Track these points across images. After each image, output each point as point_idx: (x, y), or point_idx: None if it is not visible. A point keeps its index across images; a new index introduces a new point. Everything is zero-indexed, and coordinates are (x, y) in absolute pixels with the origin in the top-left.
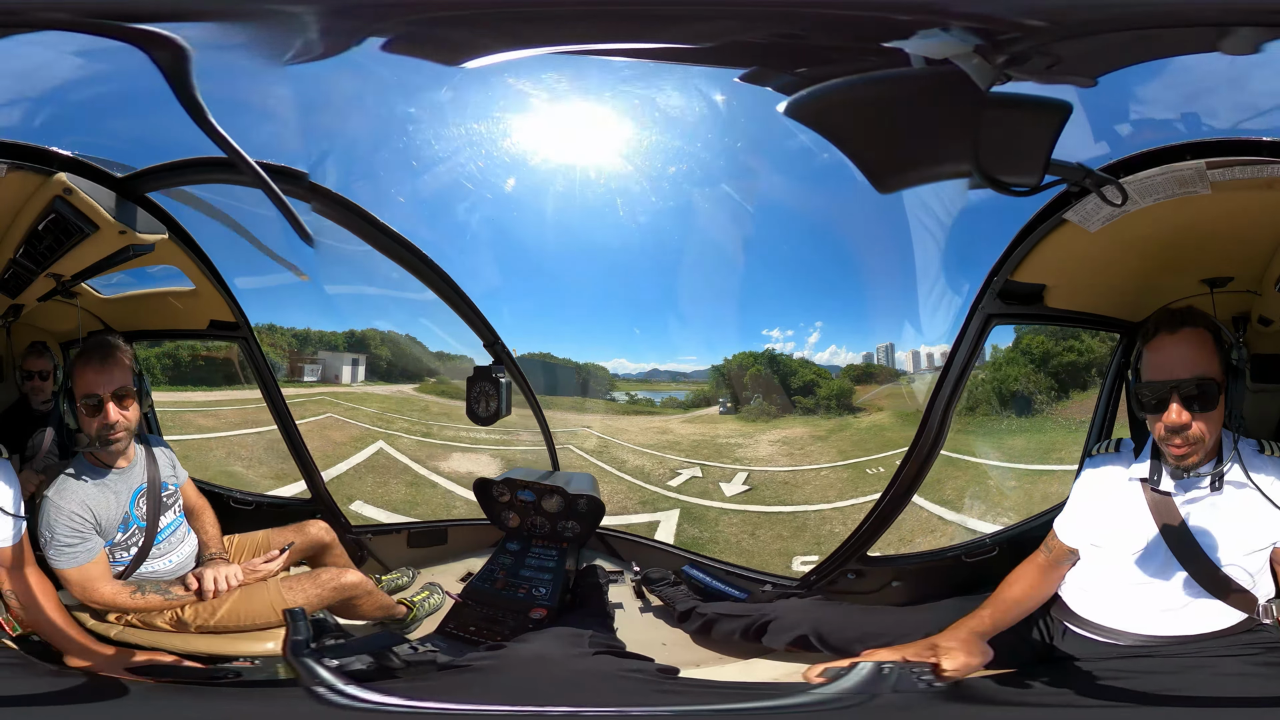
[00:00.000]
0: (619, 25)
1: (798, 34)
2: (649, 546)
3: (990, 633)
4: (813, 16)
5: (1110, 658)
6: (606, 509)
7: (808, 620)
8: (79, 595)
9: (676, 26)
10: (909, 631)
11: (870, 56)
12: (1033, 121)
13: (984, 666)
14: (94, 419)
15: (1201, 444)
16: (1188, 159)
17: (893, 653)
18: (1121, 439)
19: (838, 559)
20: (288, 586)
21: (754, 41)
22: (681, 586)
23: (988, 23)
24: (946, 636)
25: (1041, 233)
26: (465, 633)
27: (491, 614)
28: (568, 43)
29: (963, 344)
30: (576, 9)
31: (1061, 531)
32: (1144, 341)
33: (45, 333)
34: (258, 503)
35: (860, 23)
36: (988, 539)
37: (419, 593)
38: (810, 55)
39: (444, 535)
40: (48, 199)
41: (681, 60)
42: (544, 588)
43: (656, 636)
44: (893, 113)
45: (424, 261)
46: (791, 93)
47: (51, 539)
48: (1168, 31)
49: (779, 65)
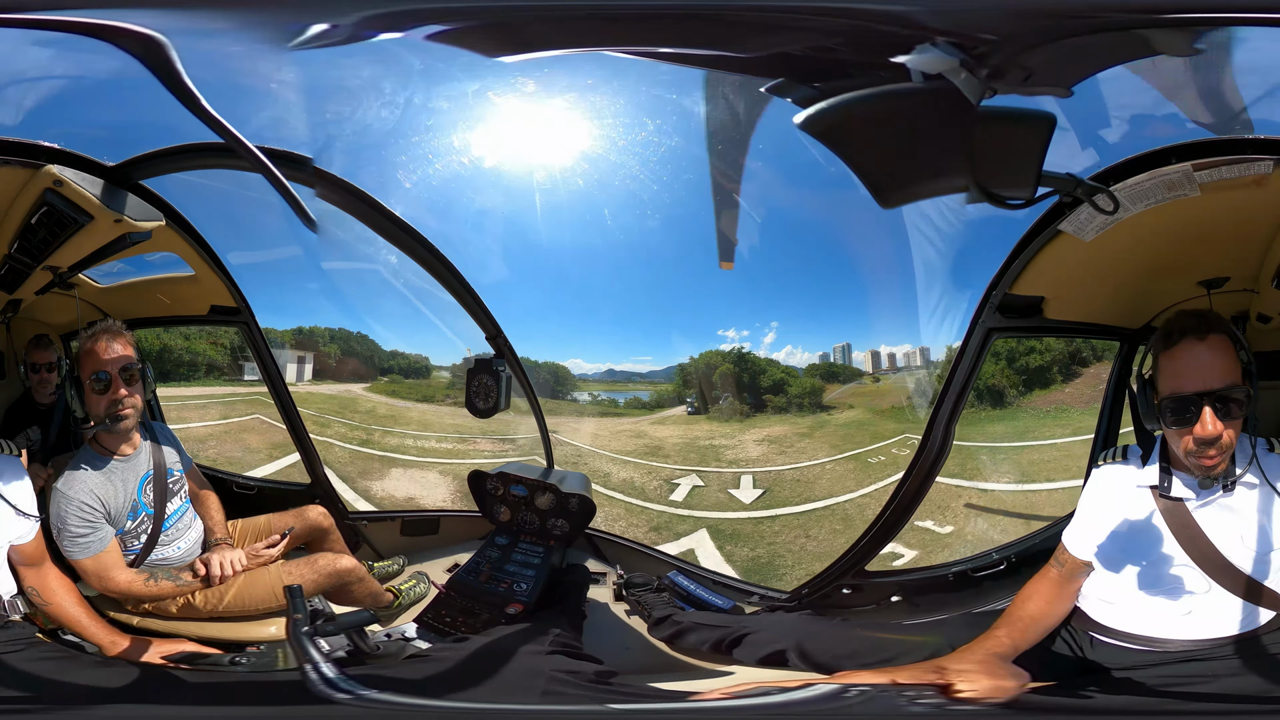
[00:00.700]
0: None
1: (810, 47)
2: (640, 551)
3: (1011, 654)
4: (817, 28)
5: (1150, 665)
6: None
7: (790, 635)
8: (96, 585)
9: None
10: (906, 651)
11: (878, 71)
12: (1021, 134)
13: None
14: (103, 397)
15: (1231, 451)
16: (1173, 162)
17: (880, 675)
18: (1128, 446)
19: (833, 574)
20: (287, 572)
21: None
22: (664, 594)
23: (957, 36)
24: (959, 659)
25: (1038, 245)
26: (441, 624)
27: (470, 606)
28: (588, 45)
29: (964, 359)
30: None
31: (1071, 544)
32: (1163, 349)
33: (45, 326)
34: (259, 487)
35: (857, 37)
36: (994, 553)
37: (406, 581)
38: (825, 68)
39: (436, 525)
40: (38, 191)
41: (724, 68)
42: (525, 584)
43: (625, 640)
44: (893, 128)
45: (430, 251)
46: (805, 106)
47: (63, 530)
48: (1135, 35)
49: (801, 78)
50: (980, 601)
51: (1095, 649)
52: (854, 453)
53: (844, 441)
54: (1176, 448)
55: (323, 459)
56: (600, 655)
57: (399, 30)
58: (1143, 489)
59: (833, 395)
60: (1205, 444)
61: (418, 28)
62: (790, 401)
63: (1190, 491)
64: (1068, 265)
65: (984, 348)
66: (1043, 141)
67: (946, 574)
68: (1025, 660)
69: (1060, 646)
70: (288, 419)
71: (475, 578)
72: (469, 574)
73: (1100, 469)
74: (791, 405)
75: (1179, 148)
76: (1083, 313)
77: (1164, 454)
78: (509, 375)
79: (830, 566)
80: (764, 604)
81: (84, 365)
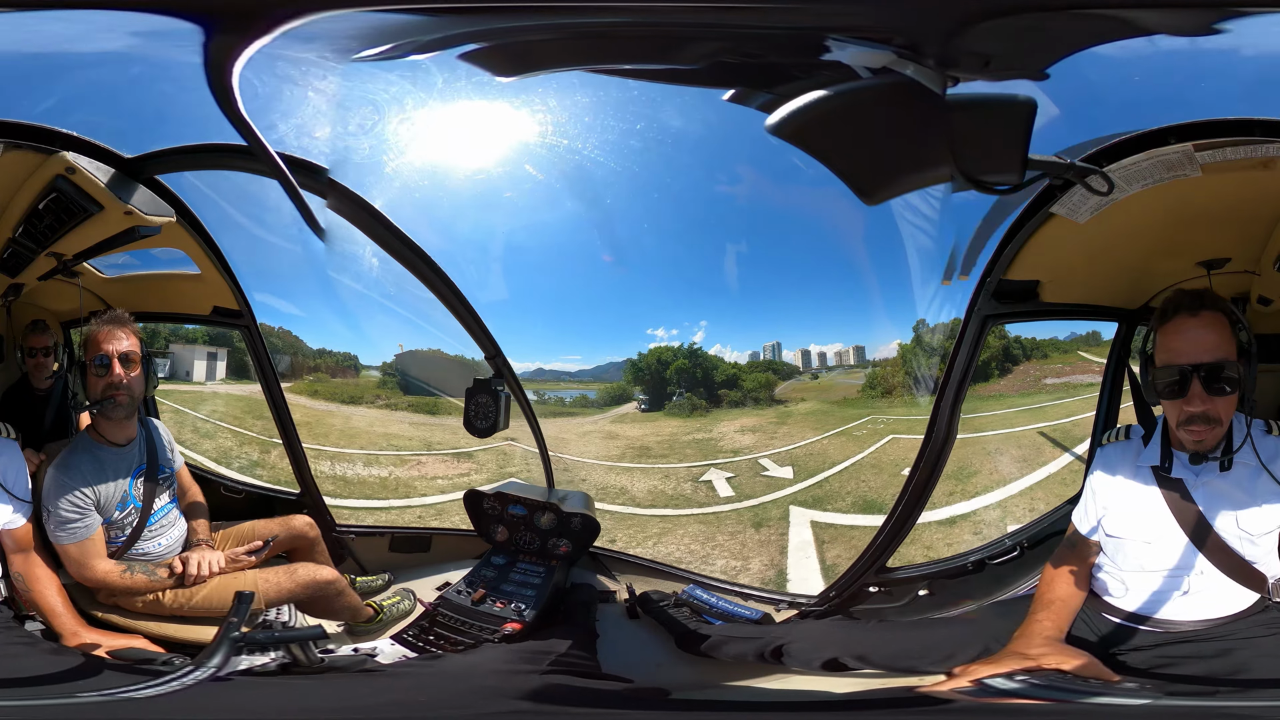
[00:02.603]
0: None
1: (752, 53)
2: (646, 567)
3: (1060, 635)
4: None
5: (1151, 646)
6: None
7: (833, 642)
8: (74, 571)
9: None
10: (962, 646)
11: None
12: (1000, 120)
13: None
14: (101, 379)
15: (1220, 428)
16: (1171, 142)
17: (994, 665)
18: (1130, 425)
19: (854, 573)
20: (263, 578)
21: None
22: (683, 609)
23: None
24: (1027, 645)
25: (1030, 229)
26: (422, 641)
27: (459, 625)
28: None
29: (962, 348)
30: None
31: (1080, 524)
32: (1159, 324)
33: (46, 312)
34: (247, 492)
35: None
36: (1007, 540)
37: (390, 597)
38: (770, 74)
39: (428, 543)
40: (48, 178)
41: (676, 82)
42: (524, 604)
43: (648, 658)
44: (863, 123)
45: (432, 269)
46: (770, 111)
47: (52, 514)
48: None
49: (755, 85)
50: (1001, 588)
51: (1107, 630)
52: (839, 430)
53: (820, 424)
54: (1171, 422)
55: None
56: (625, 673)
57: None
58: (1144, 468)
59: (780, 390)
60: (1192, 416)
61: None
62: (746, 395)
63: (1190, 472)
64: (1063, 248)
65: (981, 335)
66: (1025, 125)
67: (965, 563)
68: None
69: (1080, 629)
70: (281, 427)
71: (468, 597)
72: (460, 593)
73: (1104, 448)
74: (748, 399)
75: (1177, 128)
76: (1080, 295)
77: (1165, 434)
78: (508, 395)
79: (852, 566)
80: (793, 609)
81: (89, 349)
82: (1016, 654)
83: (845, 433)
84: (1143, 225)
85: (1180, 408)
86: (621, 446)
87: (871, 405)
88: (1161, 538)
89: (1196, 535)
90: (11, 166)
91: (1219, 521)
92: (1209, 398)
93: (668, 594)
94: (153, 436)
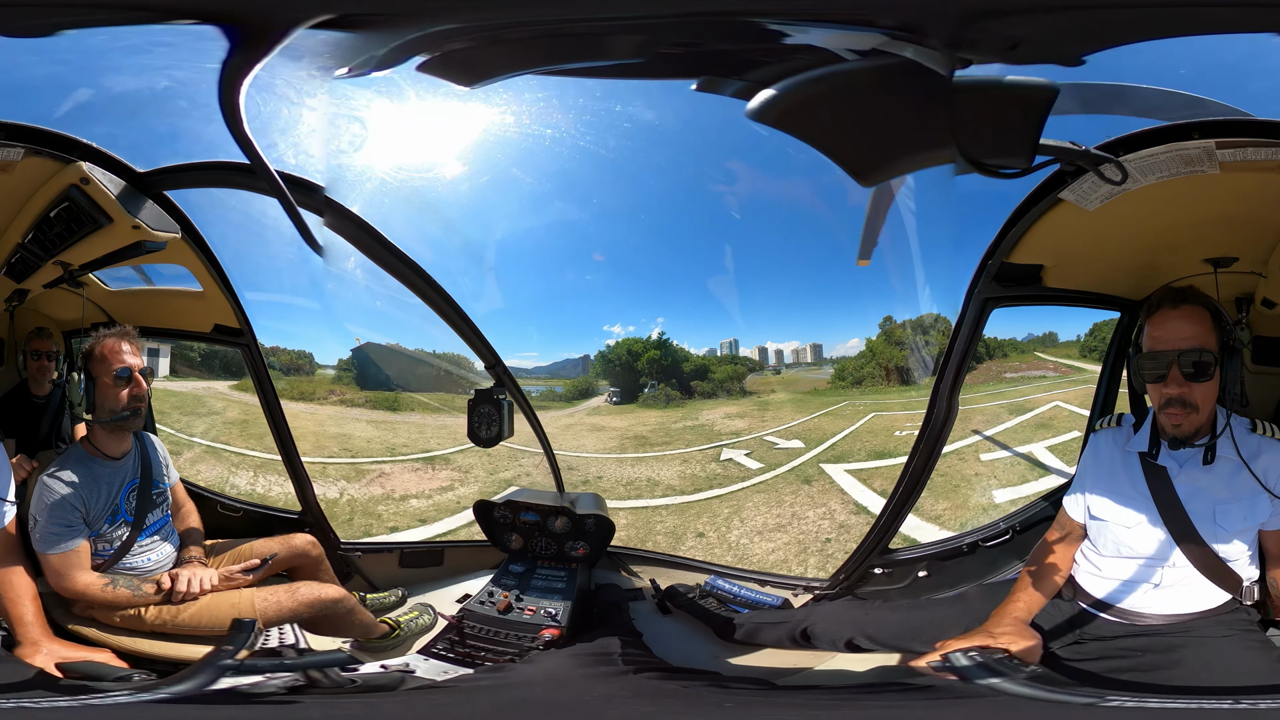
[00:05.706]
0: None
1: (729, 41)
2: (664, 562)
3: (1028, 617)
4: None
5: (1127, 635)
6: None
7: (849, 623)
8: (53, 581)
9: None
10: (951, 625)
11: (797, 54)
12: (1014, 104)
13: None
14: (125, 390)
15: (1196, 413)
16: (1195, 138)
17: (964, 641)
18: (1123, 414)
19: (861, 555)
20: (262, 597)
21: (684, 53)
22: (709, 600)
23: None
24: (996, 624)
25: (1037, 213)
26: (457, 653)
27: (493, 635)
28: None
29: (961, 330)
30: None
31: (1070, 507)
32: (1146, 316)
33: (48, 319)
34: (245, 510)
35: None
36: (1001, 523)
37: (407, 612)
38: (749, 59)
39: (440, 556)
40: (63, 186)
41: (638, 76)
42: (555, 608)
43: (699, 649)
44: (863, 104)
45: (428, 283)
46: (748, 97)
47: (39, 523)
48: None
49: (725, 72)
50: (994, 570)
51: (1084, 620)
52: (823, 411)
53: (803, 409)
54: (1155, 407)
55: None
56: (687, 666)
57: None
58: (1131, 454)
59: (747, 383)
60: (1170, 400)
61: None
62: (718, 386)
63: (1173, 461)
64: (1070, 234)
65: (980, 318)
66: (1043, 111)
67: (961, 545)
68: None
69: (1057, 616)
70: (281, 445)
71: (493, 606)
72: (484, 603)
73: (1096, 434)
74: (720, 390)
75: (1201, 124)
76: (1083, 282)
77: (1155, 422)
78: (510, 403)
79: (858, 548)
80: (808, 594)
81: (104, 361)
82: (985, 632)
83: (831, 413)
84: (1153, 218)
85: (1160, 391)
86: (616, 438)
87: (844, 393)
88: (1140, 523)
89: (1173, 523)
90: (29, 172)
91: (1196, 512)
92: (1185, 382)
93: (690, 586)
94: (148, 451)
